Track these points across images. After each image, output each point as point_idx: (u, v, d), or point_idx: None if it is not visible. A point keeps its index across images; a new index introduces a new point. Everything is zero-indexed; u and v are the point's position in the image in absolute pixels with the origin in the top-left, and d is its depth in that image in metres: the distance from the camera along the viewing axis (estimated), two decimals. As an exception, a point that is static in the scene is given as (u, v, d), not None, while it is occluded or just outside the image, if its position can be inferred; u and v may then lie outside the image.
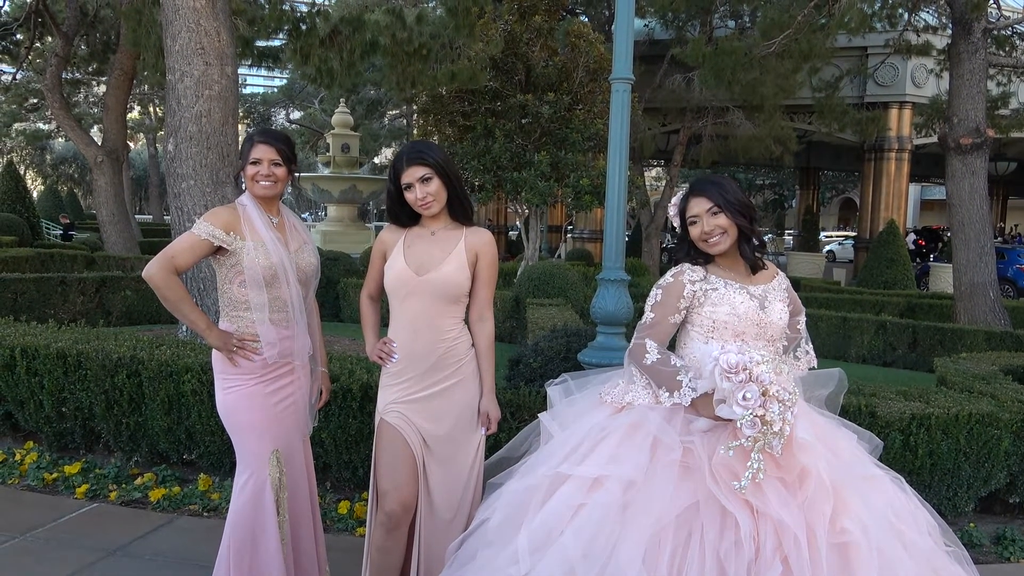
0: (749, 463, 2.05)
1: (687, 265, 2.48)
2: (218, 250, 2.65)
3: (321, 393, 2.97)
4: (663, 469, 2.19)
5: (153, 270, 2.58)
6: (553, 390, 2.66)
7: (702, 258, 2.50)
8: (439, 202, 2.62)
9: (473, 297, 2.72)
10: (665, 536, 2.10)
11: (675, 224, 2.59)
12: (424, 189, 2.59)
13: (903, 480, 2.39)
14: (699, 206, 2.46)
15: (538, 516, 2.24)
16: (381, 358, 2.70)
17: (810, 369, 2.62)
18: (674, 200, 2.59)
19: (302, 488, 2.83)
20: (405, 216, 2.70)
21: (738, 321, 2.38)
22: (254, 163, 2.69)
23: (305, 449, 2.88)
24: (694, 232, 2.48)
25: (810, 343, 2.66)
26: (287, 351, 2.73)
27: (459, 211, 2.69)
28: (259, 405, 2.70)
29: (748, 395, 2.05)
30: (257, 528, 2.68)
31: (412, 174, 2.59)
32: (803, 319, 2.67)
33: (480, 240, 2.69)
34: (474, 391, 2.73)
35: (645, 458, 2.23)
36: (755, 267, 2.50)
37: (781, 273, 2.63)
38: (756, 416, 2.04)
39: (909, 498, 2.32)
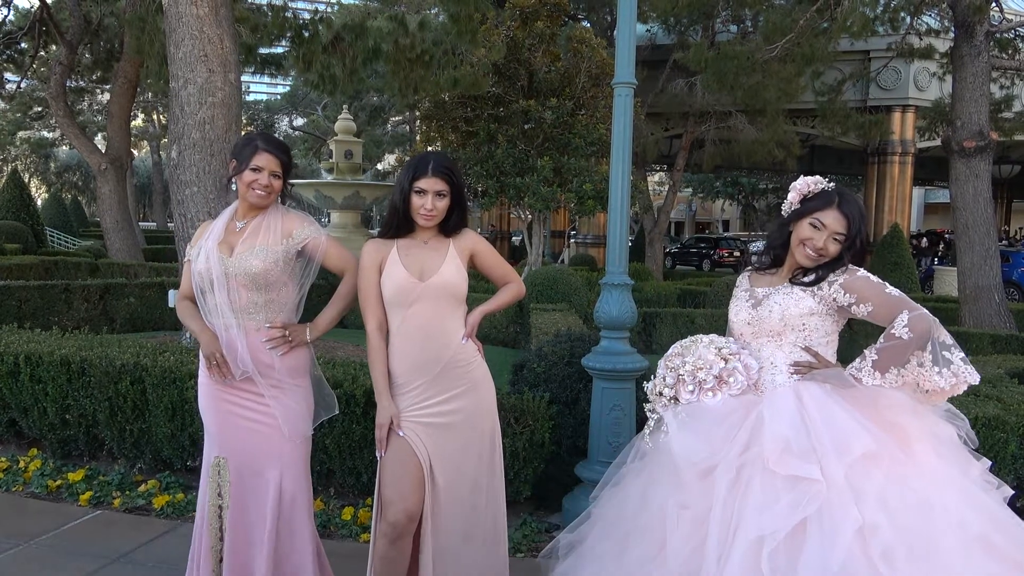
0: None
1: (744, 276, 2.67)
2: None
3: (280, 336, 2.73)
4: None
5: (175, 304, 2.84)
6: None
7: (771, 259, 2.57)
8: (439, 220, 2.65)
9: (492, 279, 2.85)
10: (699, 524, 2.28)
11: (789, 207, 2.50)
12: (435, 203, 2.60)
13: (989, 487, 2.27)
14: (836, 223, 2.38)
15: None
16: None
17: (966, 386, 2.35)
18: (800, 189, 2.46)
19: (256, 509, 2.66)
20: (404, 221, 2.65)
21: (732, 326, 2.59)
22: (255, 170, 2.66)
23: (281, 473, 2.66)
24: (805, 234, 2.41)
25: (952, 352, 2.35)
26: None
27: (447, 227, 2.71)
28: (212, 407, 2.70)
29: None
30: (196, 533, 2.75)
31: (432, 184, 2.59)
32: (902, 318, 2.30)
33: (468, 241, 2.73)
34: (487, 397, 2.72)
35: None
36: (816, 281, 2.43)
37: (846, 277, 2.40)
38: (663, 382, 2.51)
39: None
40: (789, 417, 2.28)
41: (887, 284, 2.40)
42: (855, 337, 9.25)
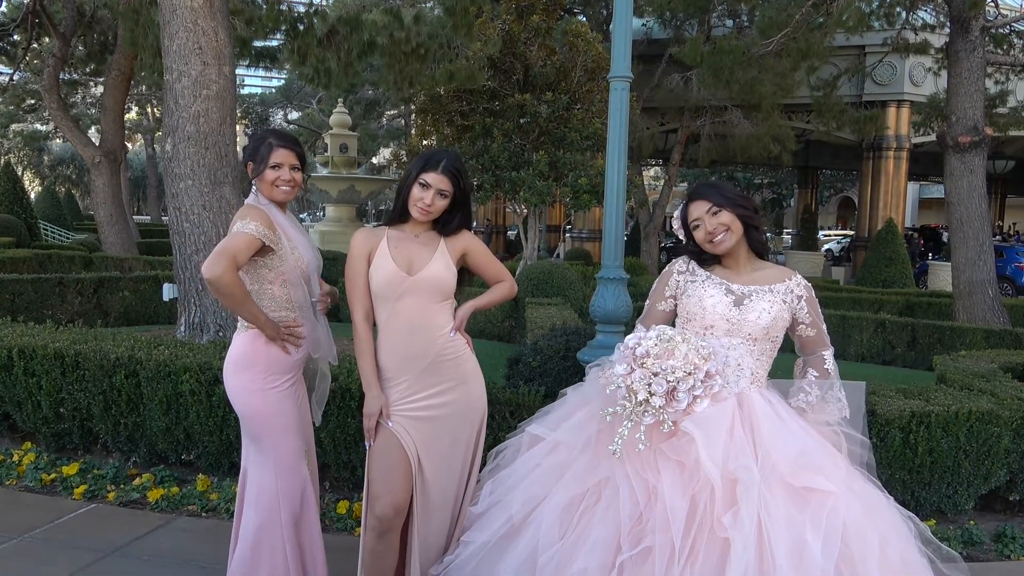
0: (620, 430, 2.28)
1: (683, 256, 2.63)
2: (258, 251, 2.64)
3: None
4: (597, 443, 2.44)
5: (219, 271, 2.47)
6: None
7: (709, 260, 2.58)
8: (433, 217, 2.66)
9: (485, 278, 2.86)
10: (581, 498, 2.37)
11: (680, 236, 2.64)
12: (435, 200, 2.61)
13: (885, 506, 2.33)
14: (699, 209, 2.53)
15: (508, 469, 2.61)
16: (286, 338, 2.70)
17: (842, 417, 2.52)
18: (676, 214, 2.62)
19: (315, 487, 2.89)
20: (400, 208, 2.68)
21: (704, 314, 2.49)
22: (275, 167, 2.69)
23: (313, 450, 2.94)
24: (699, 235, 2.54)
25: (842, 392, 2.53)
26: (306, 352, 2.81)
27: (443, 226, 2.71)
28: (291, 407, 2.74)
29: (620, 368, 2.30)
30: (303, 525, 2.76)
31: (438, 181, 2.60)
32: (829, 356, 2.56)
33: (462, 240, 2.74)
34: (476, 391, 2.72)
35: (592, 431, 2.47)
36: (761, 255, 2.57)
37: (799, 282, 2.56)
38: (624, 385, 2.27)
39: (873, 523, 2.23)
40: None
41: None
42: (850, 331, 9.28)
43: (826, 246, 32.39)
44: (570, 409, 2.61)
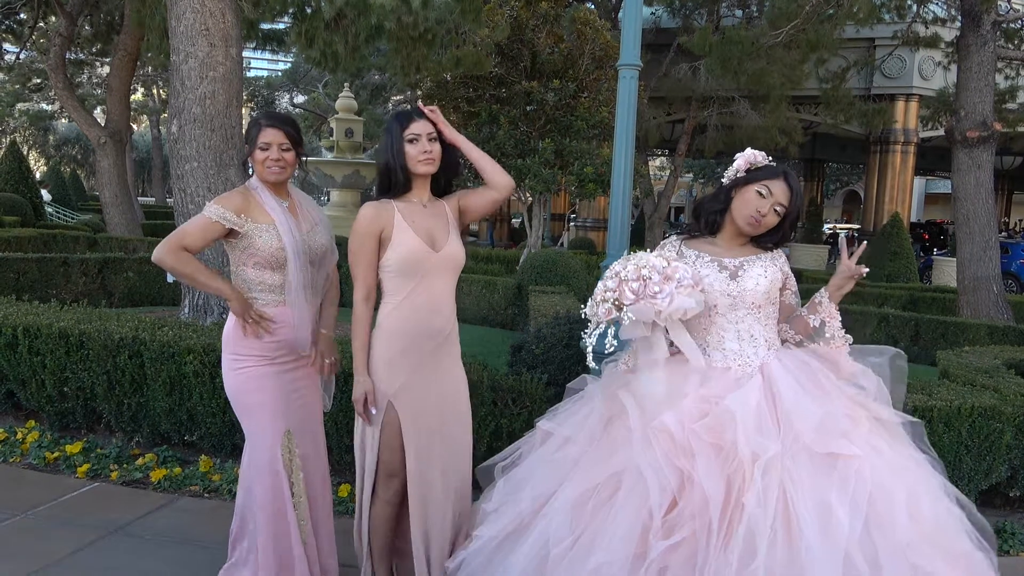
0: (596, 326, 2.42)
1: (671, 240, 2.63)
2: (230, 233, 2.65)
3: (328, 364, 2.86)
4: (605, 436, 2.47)
5: (162, 252, 2.59)
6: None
7: (708, 229, 2.58)
8: (437, 162, 2.61)
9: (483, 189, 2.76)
10: (592, 492, 2.36)
11: (732, 174, 2.56)
12: (431, 145, 2.58)
13: (919, 462, 2.35)
14: (781, 195, 2.46)
15: (520, 466, 2.64)
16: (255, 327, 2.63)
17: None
18: (748, 158, 2.54)
19: (318, 471, 2.84)
20: (402, 177, 2.59)
21: (708, 292, 2.47)
22: (263, 148, 2.67)
23: (320, 434, 2.90)
24: (750, 208, 2.47)
25: (837, 321, 2.56)
26: (288, 337, 2.73)
27: (438, 187, 2.72)
28: (270, 385, 2.70)
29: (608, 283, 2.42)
30: (276, 510, 2.70)
31: (423, 127, 2.57)
32: (792, 293, 2.61)
33: (454, 198, 2.74)
34: (462, 369, 2.79)
35: (598, 425, 2.52)
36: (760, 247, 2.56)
37: (779, 250, 2.60)
38: (604, 289, 2.42)
39: (901, 481, 2.24)
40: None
41: None
42: (853, 325, 9.26)
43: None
44: (578, 404, 2.65)
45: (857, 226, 27.26)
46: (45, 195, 23.44)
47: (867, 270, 2.48)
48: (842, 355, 2.49)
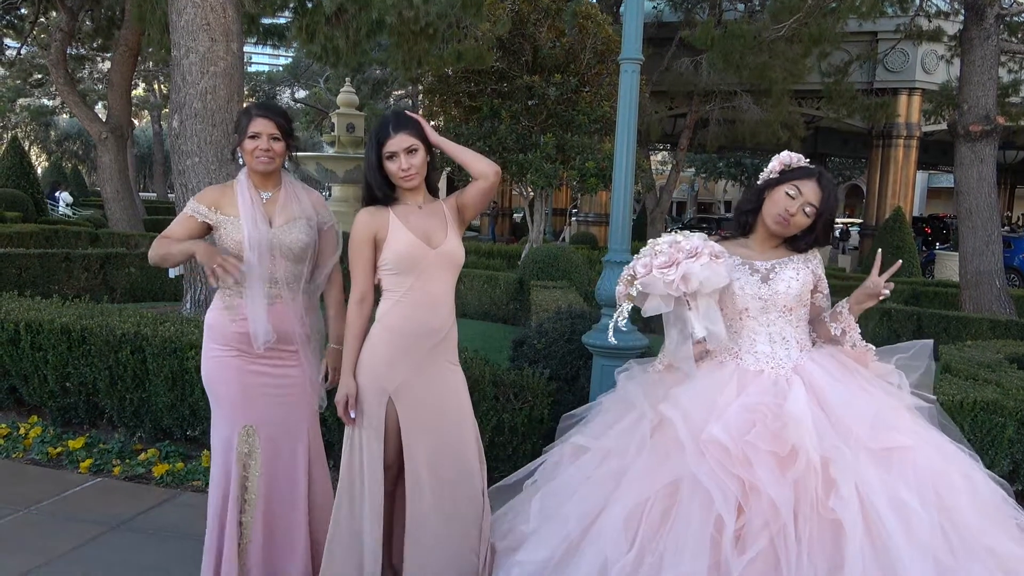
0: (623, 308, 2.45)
1: (708, 246, 2.55)
2: (211, 227, 2.70)
3: (328, 375, 2.80)
4: (654, 444, 2.39)
5: (150, 253, 2.72)
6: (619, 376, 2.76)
7: (740, 230, 2.59)
8: (420, 176, 2.59)
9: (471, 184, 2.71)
10: (646, 504, 2.28)
11: (768, 175, 2.56)
12: (409, 160, 2.54)
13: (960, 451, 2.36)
14: (811, 195, 2.45)
15: (555, 482, 2.53)
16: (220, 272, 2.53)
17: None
18: (783, 159, 2.53)
19: (289, 473, 2.74)
20: (386, 187, 2.57)
21: (735, 299, 2.48)
22: (252, 137, 2.65)
23: (309, 439, 2.79)
24: (778, 207, 2.47)
25: (856, 332, 2.58)
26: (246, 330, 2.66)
27: (431, 186, 2.70)
28: (233, 378, 2.67)
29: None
30: (218, 505, 2.66)
31: (399, 143, 2.52)
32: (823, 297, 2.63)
33: (452, 197, 2.72)
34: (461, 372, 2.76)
35: (645, 432, 2.43)
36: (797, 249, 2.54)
37: (813, 251, 2.58)
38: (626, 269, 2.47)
39: (952, 463, 2.27)
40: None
41: None
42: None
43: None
44: (615, 415, 2.57)
45: (859, 220, 27.19)
46: (65, 196, 23.38)
47: (889, 291, 2.48)
48: (868, 357, 2.50)
